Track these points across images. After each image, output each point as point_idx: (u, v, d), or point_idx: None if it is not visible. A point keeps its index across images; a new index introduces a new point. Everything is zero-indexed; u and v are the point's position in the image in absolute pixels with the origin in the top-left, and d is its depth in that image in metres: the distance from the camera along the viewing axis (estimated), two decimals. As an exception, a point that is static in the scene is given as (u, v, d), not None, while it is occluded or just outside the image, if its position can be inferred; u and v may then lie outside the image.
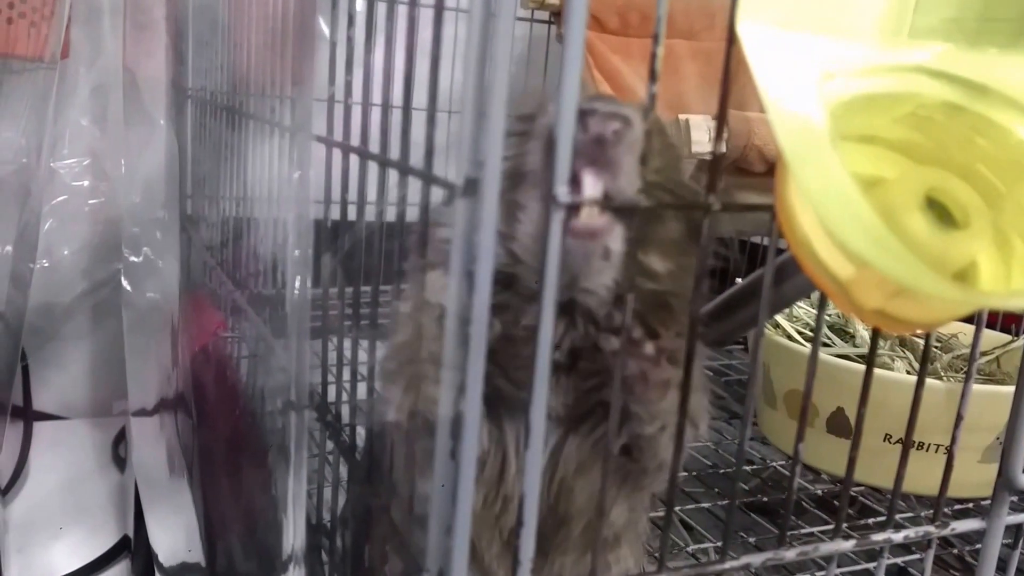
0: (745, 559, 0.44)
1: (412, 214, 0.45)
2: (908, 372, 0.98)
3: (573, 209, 0.41)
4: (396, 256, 0.52)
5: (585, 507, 0.54)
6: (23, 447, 1.22)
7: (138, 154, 1.03)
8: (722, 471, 1.04)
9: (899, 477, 0.48)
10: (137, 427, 1.04)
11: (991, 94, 0.37)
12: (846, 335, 1.04)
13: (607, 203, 0.41)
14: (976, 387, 0.87)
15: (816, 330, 0.45)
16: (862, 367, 0.94)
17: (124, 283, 1.02)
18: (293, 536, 0.54)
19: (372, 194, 0.50)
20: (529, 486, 0.37)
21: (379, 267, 0.52)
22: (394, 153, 0.46)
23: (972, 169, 0.36)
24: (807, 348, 0.99)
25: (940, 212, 0.35)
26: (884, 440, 0.88)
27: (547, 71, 1.37)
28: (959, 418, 0.49)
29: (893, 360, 0.98)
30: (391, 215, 0.48)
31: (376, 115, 0.48)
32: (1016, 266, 0.35)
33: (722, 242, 0.56)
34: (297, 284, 0.52)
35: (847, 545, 0.47)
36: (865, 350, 1.00)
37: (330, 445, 0.61)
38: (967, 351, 1.04)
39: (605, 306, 0.48)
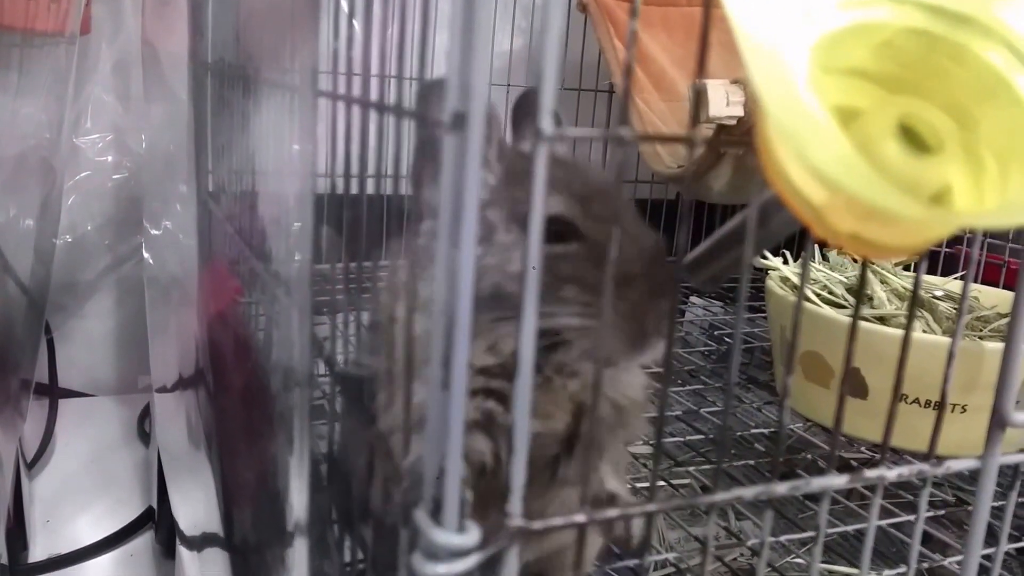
0: (736, 491, 0.45)
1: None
2: (924, 331, 0.99)
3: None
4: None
5: None
6: (48, 422, 1.24)
7: (160, 129, 1.04)
8: (739, 434, 1.05)
9: (890, 416, 0.48)
10: (160, 403, 1.06)
11: (970, 23, 0.38)
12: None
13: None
14: (995, 346, 0.90)
15: (803, 275, 0.46)
16: (878, 328, 0.96)
17: (146, 255, 1.03)
18: (297, 507, 0.56)
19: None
20: (519, 413, 0.38)
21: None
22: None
23: (947, 95, 0.37)
24: (824, 310, 1.01)
25: (916, 140, 0.36)
26: (900, 400, 0.89)
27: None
28: (951, 356, 0.50)
29: (909, 320, 0.99)
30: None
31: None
32: (988, 186, 0.36)
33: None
34: (298, 256, 0.53)
35: (839, 481, 0.47)
36: (882, 312, 1.01)
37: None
38: (985, 312, 1.05)
39: None
